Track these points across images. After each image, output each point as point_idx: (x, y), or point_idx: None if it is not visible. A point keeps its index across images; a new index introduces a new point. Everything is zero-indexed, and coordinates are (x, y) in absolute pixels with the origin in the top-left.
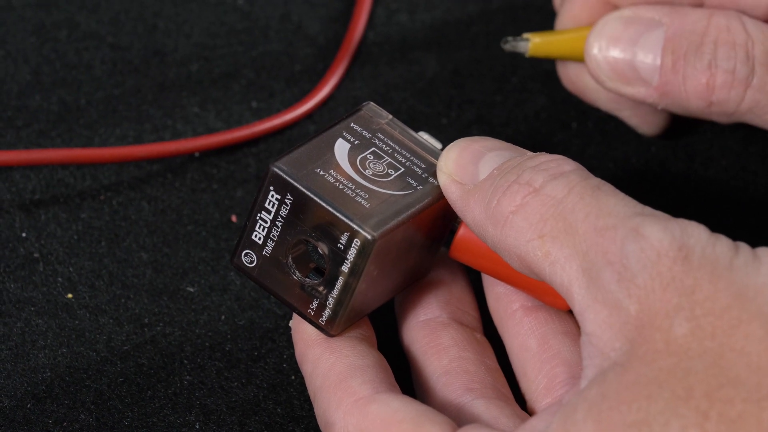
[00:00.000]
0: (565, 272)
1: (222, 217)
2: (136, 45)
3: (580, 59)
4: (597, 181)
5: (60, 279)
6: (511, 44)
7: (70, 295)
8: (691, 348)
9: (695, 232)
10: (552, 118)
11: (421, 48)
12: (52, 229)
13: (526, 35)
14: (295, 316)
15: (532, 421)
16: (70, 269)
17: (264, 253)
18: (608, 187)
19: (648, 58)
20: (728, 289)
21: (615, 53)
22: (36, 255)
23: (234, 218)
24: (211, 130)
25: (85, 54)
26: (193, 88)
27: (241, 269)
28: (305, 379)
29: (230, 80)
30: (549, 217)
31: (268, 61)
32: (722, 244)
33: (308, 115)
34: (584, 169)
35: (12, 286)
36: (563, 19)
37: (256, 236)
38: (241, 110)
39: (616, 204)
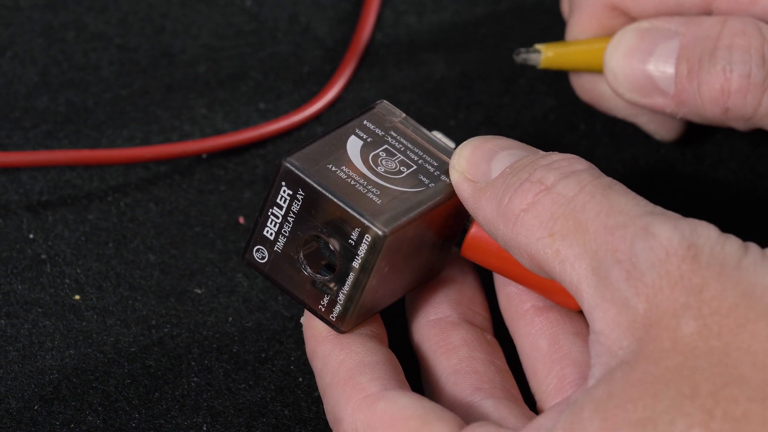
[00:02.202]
0: (574, 271)
1: (229, 218)
2: (143, 46)
3: (593, 71)
4: (608, 180)
5: (67, 280)
6: (522, 56)
7: (77, 297)
8: (698, 347)
9: (705, 232)
10: (560, 120)
11: (429, 49)
12: (60, 231)
13: (538, 46)
14: (306, 312)
15: (540, 420)
16: (78, 271)
17: (275, 248)
18: (619, 187)
19: (664, 67)
20: (736, 288)
21: (632, 65)
22: (43, 256)
23: (241, 220)
24: (218, 132)
25: (93, 55)
26: (200, 89)
27: (253, 265)
28: (315, 376)
29: (238, 82)
30: (560, 216)
31: (275, 63)
32: (731, 243)
33: (316, 117)
34: (596, 168)
35: (19, 287)
36: (573, 30)
37: (267, 232)
38: (248, 111)
39: (626, 203)
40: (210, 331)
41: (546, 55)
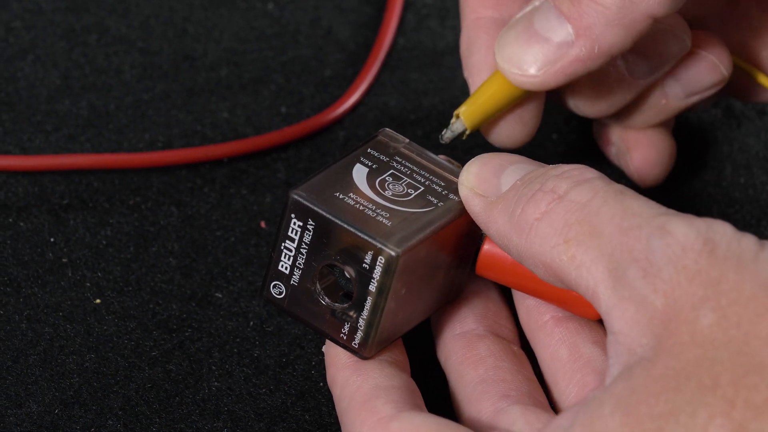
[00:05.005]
0: (591, 275)
1: (251, 222)
2: (165, 50)
3: (511, 98)
4: (620, 186)
5: (88, 284)
6: (447, 134)
7: (98, 301)
8: (717, 338)
9: (720, 228)
10: (581, 126)
11: (452, 54)
12: (81, 234)
13: (455, 112)
14: (327, 341)
15: (557, 420)
16: (99, 274)
17: (292, 282)
18: (632, 192)
19: (551, 25)
20: (754, 279)
21: (525, 38)
22: (64, 260)
23: (263, 224)
24: (240, 136)
25: (115, 58)
26: (222, 93)
27: (272, 302)
28: (334, 402)
29: (260, 85)
30: (574, 222)
31: (297, 67)
32: (748, 239)
33: (338, 121)
34: (606, 177)
35: (40, 291)
36: (474, 71)
37: (282, 266)
38: (270, 115)
39: (640, 206)
40: (231, 335)
41: (463, 111)
